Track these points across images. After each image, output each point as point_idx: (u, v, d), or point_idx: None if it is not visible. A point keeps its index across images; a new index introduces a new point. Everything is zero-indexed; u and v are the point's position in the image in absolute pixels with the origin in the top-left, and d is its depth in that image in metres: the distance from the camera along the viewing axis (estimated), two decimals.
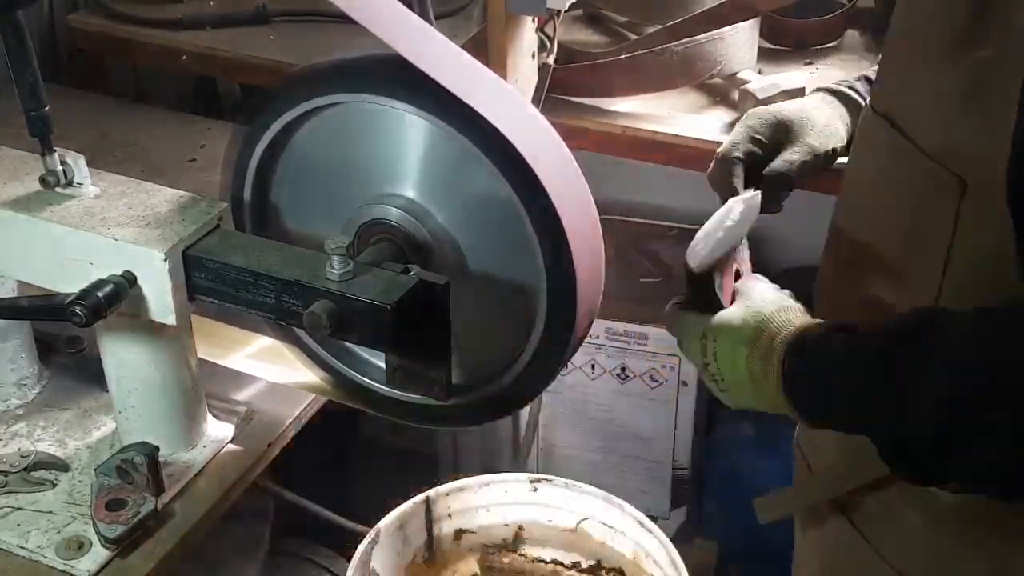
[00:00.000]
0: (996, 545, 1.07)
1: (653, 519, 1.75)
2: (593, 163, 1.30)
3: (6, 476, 1.32)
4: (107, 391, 1.35)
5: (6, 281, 1.35)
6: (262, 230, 1.28)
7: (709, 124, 1.82)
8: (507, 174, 1.11)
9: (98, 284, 1.17)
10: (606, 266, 1.19)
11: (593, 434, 2.30)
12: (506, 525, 1.81)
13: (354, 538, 1.72)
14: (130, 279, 1.18)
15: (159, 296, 1.19)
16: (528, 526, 1.81)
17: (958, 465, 0.92)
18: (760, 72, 1.91)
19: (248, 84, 2.18)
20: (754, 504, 1.26)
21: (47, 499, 1.30)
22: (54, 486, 1.31)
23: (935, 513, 1.09)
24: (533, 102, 1.72)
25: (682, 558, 1.66)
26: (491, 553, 1.82)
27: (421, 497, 1.75)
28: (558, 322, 1.16)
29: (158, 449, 1.27)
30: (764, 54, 1.95)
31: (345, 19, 1.10)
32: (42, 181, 1.25)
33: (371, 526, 1.69)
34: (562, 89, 1.85)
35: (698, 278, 1.09)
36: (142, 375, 1.30)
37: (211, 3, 2.22)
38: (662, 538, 1.69)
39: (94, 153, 1.34)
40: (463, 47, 1.18)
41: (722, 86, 1.90)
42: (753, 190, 1.18)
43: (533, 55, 1.77)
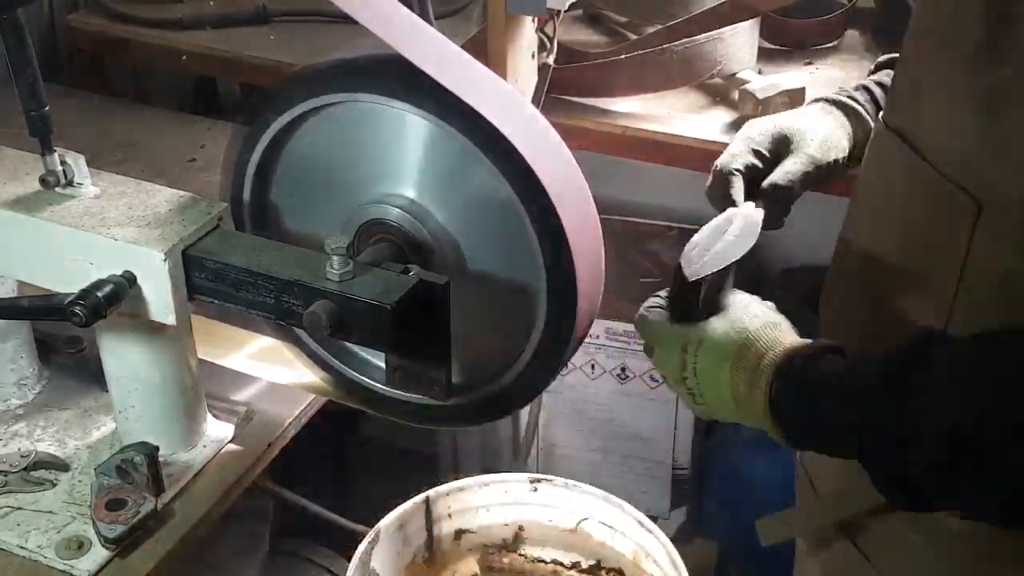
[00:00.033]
0: (1002, 571, 1.05)
1: (653, 519, 1.75)
2: (593, 163, 1.30)
3: (6, 476, 1.32)
4: (107, 391, 1.35)
5: (6, 281, 1.35)
6: (262, 230, 1.28)
7: (709, 124, 1.82)
8: (507, 174, 1.11)
9: (98, 284, 1.17)
10: (606, 266, 1.19)
11: (593, 434, 2.29)
12: (506, 525, 1.81)
13: (354, 538, 1.72)
14: (130, 279, 1.18)
15: (159, 296, 1.19)
16: (528, 526, 1.81)
17: (957, 493, 0.91)
18: (760, 72, 1.90)
19: (248, 84, 2.18)
20: (756, 526, 1.23)
21: (47, 499, 1.30)
22: (54, 486, 1.31)
23: (940, 538, 1.07)
24: (533, 102, 1.71)
25: (682, 558, 1.65)
26: (491, 553, 1.82)
27: (421, 497, 1.74)
28: (558, 322, 1.16)
29: (158, 449, 1.27)
30: (764, 54, 1.95)
31: (345, 19, 1.10)
32: (42, 181, 1.25)
33: (371, 526, 1.69)
34: (562, 89, 1.85)
35: (689, 287, 1.07)
36: (142, 375, 1.30)
37: (211, 3, 2.21)
38: (662, 538, 1.69)
39: (94, 153, 1.34)
40: (463, 47, 1.18)
41: (722, 86, 1.89)
42: (755, 206, 1.14)
43: (533, 55, 1.77)
